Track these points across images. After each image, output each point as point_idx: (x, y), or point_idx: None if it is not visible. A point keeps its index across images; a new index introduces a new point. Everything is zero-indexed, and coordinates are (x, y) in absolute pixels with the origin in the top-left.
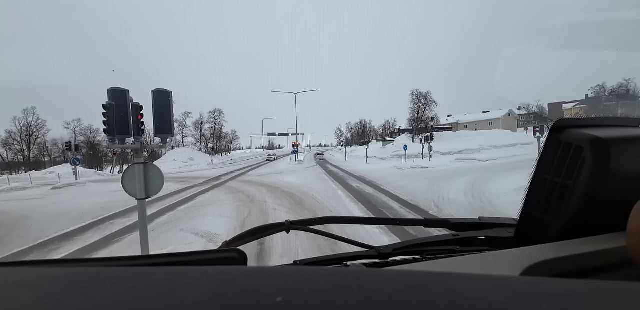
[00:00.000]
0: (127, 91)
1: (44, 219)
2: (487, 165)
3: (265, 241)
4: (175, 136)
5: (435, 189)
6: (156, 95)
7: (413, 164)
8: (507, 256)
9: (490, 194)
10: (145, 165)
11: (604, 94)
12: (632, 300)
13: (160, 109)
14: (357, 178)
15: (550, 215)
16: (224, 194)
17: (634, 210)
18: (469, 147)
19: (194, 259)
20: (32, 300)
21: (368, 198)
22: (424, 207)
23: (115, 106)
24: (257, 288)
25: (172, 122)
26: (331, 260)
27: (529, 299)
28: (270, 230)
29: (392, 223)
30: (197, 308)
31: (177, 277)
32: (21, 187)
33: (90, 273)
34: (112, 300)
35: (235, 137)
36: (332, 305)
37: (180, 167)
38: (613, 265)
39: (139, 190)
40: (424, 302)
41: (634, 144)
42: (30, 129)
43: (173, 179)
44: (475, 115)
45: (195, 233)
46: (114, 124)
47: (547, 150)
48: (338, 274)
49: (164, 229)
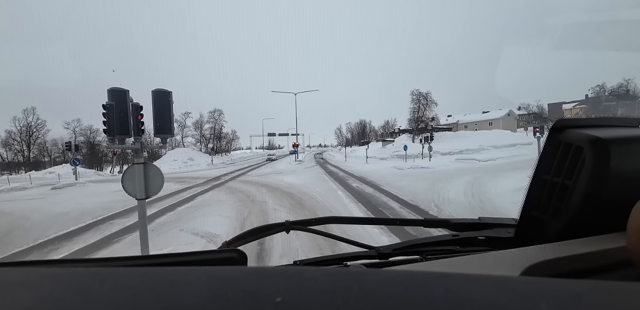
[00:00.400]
0: (127, 91)
1: (44, 219)
2: (486, 166)
3: (265, 241)
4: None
5: (435, 189)
6: (156, 95)
7: (413, 164)
8: (507, 256)
9: (490, 194)
10: (145, 165)
11: (604, 94)
12: (632, 300)
13: (160, 109)
14: (357, 178)
15: (550, 215)
16: (224, 194)
17: (634, 211)
18: (469, 147)
19: (194, 259)
20: (31, 301)
21: (368, 198)
22: (424, 207)
23: (115, 106)
24: (257, 288)
25: (172, 122)
26: (331, 261)
27: (529, 299)
28: (270, 231)
29: (392, 223)
30: (197, 308)
31: (177, 277)
32: (21, 187)
33: (90, 273)
34: (112, 301)
35: (235, 137)
36: (332, 305)
37: (180, 167)
38: (613, 265)
39: (138, 190)
40: (424, 302)
41: (634, 144)
42: (30, 129)
43: (173, 179)
44: (475, 115)
45: (195, 233)
46: (114, 124)
47: (547, 151)
48: (338, 274)
49: (164, 229)
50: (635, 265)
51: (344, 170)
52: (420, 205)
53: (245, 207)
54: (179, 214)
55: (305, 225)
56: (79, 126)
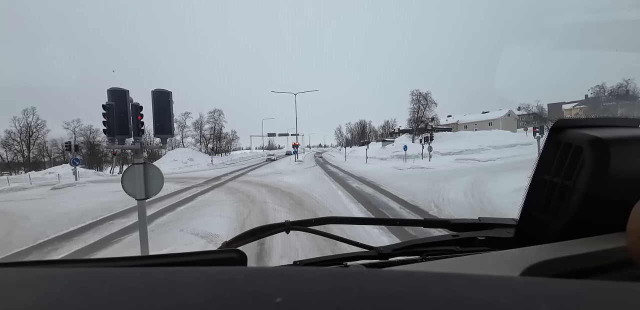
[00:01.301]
0: (127, 91)
1: (44, 219)
2: (486, 166)
3: (265, 242)
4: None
5: (435, 189)
6: (156, 95)
7: (413, 164)
8: (507, 256)
9: (490, 194)
10: (145, 166)
11: (604, 95)
12: (632, 300)
13: (160, 109)
14: (357, 178)
15: (550, 215)
16: (224, 194)
17: (634, 211)
18: (469, 148)
19: (194, 259)
20: (31, 301)
21: (368, 198)
22: (424, 208)
23: (115, 106)
24: (256, 288)
25: (172, 123)
26: (331, 261)
27: (529, 299)
28: (270, 231)
29: (392, 223)
30: (197, 308)
31: (177, 278)
32: (21, 188)
33: (90, 273)
34: (112, 301)
35: (235, 137)
36: (332, 306)
37: (180, 168)
38: (613, 266)
39: (138, 190)
40: (423, 302)
41: (634, 144)
42: (30, 129)
43: (173, 179)
44: (474, 115)
45: (195, 233)
46: (114, 124)
47: (546, 151)
48: (338, 274)
49: (163, 229)
50: (635, 265)
51: (344, 170)
52: (420, 206)
53: (245, 207)
54: (179, 214)
55: (305, 226)
56: (79, 126)
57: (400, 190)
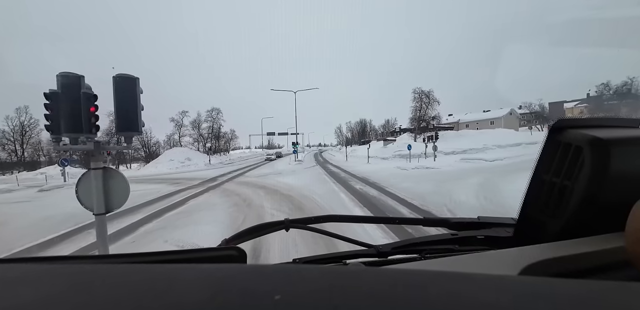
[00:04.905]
0: (82, 77)
1: (23, 225)
2: (494, 166)
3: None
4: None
5: (445, 192)
6: (118, 82)
7: (417, 164)
8: (505, 255)
9: (506, 197)
10: (105, 171)
11: (608, 93)
12: (630, 300)
13: (123, 100)
14: (360, 179)
15: (549, 215)
16: (219, 197)
17: (633, 211)
18: (473, 147)
19: (193, 256)
20: (30, 297)
21: (373, 201)
22: (438, 213)
23: (63, 96)
24: (255, 286)
25: (139, 117)
26: (330, 259)
27: (527, 299)
28: (270, 229)
29: (391, 222)
30: (196, 306)
31: (176, 275)
32: (7, 190)
33: (89, 270)
34: (111, 297)
35: (233, 136)
36: (331, 304)
37: (176, 167)
38: (611, 266)
39: (97, 203)
40: (422, 300)
41: (634, 145)
42: (23, 128)
43: (167, 180)
44: (476, 114)
45: (181, 245)
46: (60, 118)
47: (546, 151)
48: (337, 272)
49: (147, 239)
50: (634, 265)
51: (346, 170)
52: (432, 210)
53: (241, 213)
54: (167, 221)
55: (305, 224)
56: None
57: (407, 193)
